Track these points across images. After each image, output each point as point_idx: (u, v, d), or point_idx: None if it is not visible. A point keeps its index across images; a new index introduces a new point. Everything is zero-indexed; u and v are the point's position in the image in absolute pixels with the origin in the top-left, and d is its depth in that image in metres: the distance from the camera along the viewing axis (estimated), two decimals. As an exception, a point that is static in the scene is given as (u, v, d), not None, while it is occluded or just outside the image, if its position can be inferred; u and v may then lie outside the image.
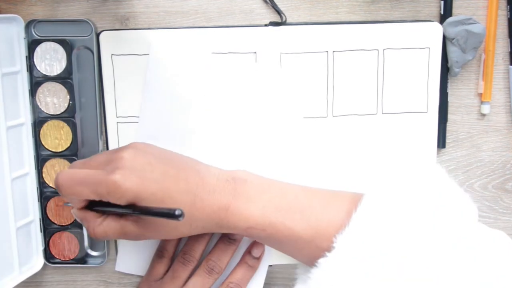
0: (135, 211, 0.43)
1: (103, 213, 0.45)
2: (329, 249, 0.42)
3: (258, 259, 0.51)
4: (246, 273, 0.51)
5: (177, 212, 0.38)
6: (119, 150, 0.45)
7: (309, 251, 0.44)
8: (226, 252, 0.50)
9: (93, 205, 0.45)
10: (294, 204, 0.45)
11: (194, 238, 0.51)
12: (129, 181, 0.41)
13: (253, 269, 0.51)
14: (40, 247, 0.55)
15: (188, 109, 0.52)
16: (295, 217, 0.44)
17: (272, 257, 0.53)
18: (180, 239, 0.52)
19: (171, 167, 0.44)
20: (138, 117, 0.53)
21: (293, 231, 0.44)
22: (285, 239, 0.44)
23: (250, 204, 0.45)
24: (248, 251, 0.51)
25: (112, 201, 0.42)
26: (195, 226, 0.45)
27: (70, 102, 0.53)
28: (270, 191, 0.46)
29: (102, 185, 0.42)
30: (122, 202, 0.42)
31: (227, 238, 0.50)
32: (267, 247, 0.52)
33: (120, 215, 0.45)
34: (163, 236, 0.47)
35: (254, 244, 0.51)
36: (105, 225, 0.45)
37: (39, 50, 0.52)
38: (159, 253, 0.52)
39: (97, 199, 0.43)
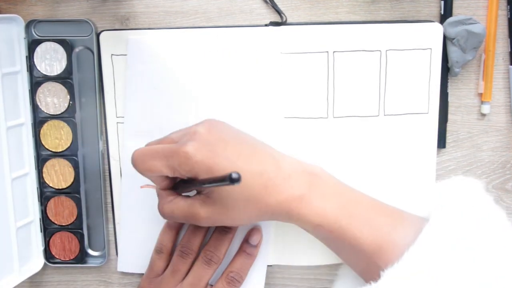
0: (197, 184, 0.42)
1: (179, 193, 0.45)
2: (386, 266, 0.41)
3: (256, 246, 0.51)
4: (245, 262, 0.51)
5: (233, 175, 0.34)
6: (194, 125, 0.44)
7: (366, 265, 0.44)
8: (222, 242, 0.50)
9: (175, 187, 0.45)
10: (366, 215, 0.44)
11: (191, 231, 0.51)
12: (200, 154, 0.41)
13: (252, 257, 0.51)
14: (40, 247, 0.55)
15: (187, 108, 0.52)
16: (364, 229, 0.43)
17: (272, 257, 0.53)
18: (178, 234, 0.52)
19: (245, 146, 0.44)
20: (138, 117, 0.53)
21: (359, 242, 0.43)
22: (349, 246, 0.44)
23: (324, 201, 0.44)
24: (246, 240, 0.51)
25: (183, 173, 0.42)
26: (265, 211, 0.44)
27: (70, 102, 0.53)
28: (345, 195, 0.45)
29: (174, 157, 0.42)
30: (192, 174, 0.42)
31: (222, 228, 0.50)
32: (264, 241, 0.52)
33: (187, 197, 0.44)
34: (231, 221, 0.45)
35: (251, 232, 0.51)
36: (173, 204, 0.45)
37: (39, 50, 0.52)
38: (158, 249, 0.52)
39: (170, 174, 0.43)
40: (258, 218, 0.45)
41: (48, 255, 0.55)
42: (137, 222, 0.54)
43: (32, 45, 0.52)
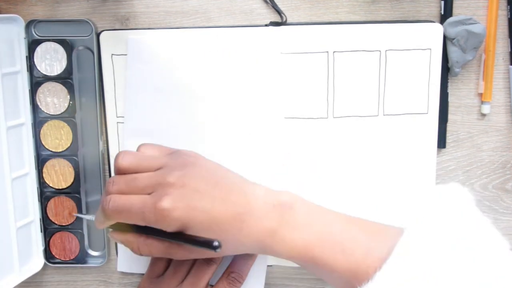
0: (176, 239, 0.43)
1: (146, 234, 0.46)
2: None
3: None
4: (246, 262, 0.51)
5: (215, 244, 0.40)
6: (168, 171, 0.44)
7: (346, 286, 0.44)
8: None
9: (136, 228, 0.46)
10: (338, 238, 0.44)
11: None
12: (178, 210, 0.42)
13: (253, 257, 0.51)
14: (40, 247, 0.55)
15: (187, 108, 0.52)
16: (337, 255, 0.43)
17: (272, 257, 0.53)
18: None
19: (219, 190, 0.44)
20: (138, 117, 0.53)
21: (333, 269, 0.43)
22: (325, 272, 0.45)
23: (295, 234, 0.44)
24: None
25: (160, 227, 0.43)
26: (240, 250, 0.46)
27: (70, 102, 0.53)
28: (316, 222, 0.45)
29: (150, 213, 0.42)
30: (169, 229, 0.43)
31: None
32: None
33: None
34: (207, 257, 0.48)
35: None
36: (149, 245, 0.45)
37: (39, 50, 0.52)
38: None
39: (143, 224, 0.44)
40: (234, 253, 0.47)
41: (48, 255, 0.55)
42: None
43: (32, 45, 0.52)
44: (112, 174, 0.54)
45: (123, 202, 0.44)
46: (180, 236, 0.43)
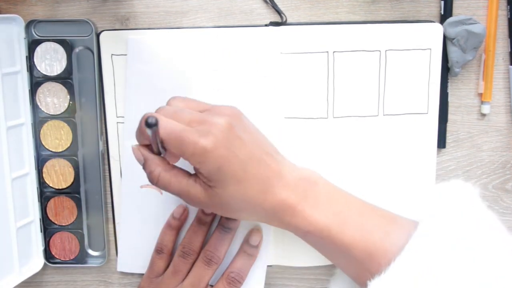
0: None
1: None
2: (377, 273, 0.41)
3: (257, 247, 0.51)
4: (246, 262, 0.51)
5: (149, 120, 0.37)
6: (216, 113, 0.43)
7: (358, 270, 0.44)
8: (222, 242, 0.50)
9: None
10: (358, 221, 0.44)
11: (192, 231, 0.51)
12: (217, 152, 0.41)
13: (253, 257, 0.51)
14: (40, 247, 0.55)
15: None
16: (355, 235, 0.43)
17: (272, 257, 0.53)
18: (178, 234, 0.53)
19: (258, 148, 0.44)
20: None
21: (349, 249, 0.43)
22: (339, 252, 0.44)
23: (316, 209, 0.44)
24: (246, 240, 0.51)
25: (192, 163, 0.41)
26: (259, 214, 0.45)
27: (70, 102, 0.53)
28: (338, 201, 0.45)
29: (190, 145, 0.41)
30: (201, 167, 0.41)
31: (222, 227, 0.50)
32: (264, 241, 0.52)
33: (190, 175, 0.44)
34: (225, 214, 0.46)
35: (251, 232, 0.51)
36: (173, 175, 0.43)
37: (39, 50, 0.52)
38: (158, 249, 0.52)
39: (177, 153, 0.42)
40: (250, 219, 0.46)
41: (48, 255, 0.55)
42: (137, 222, 0.54)
43: (32, 45, 0.52)
44: (112, 174, 0.54)
45: (168, 122, 0.41)
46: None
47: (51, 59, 0.52)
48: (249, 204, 0.43)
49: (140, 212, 0.53)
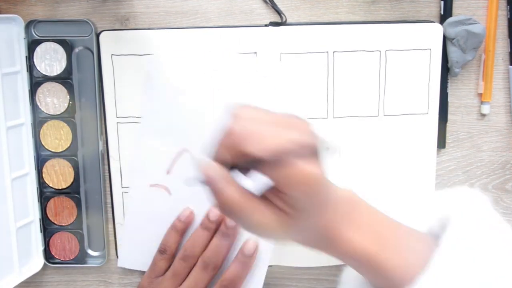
0: None
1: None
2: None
3: (251, 256, 0.51)
4: (240, 271, 0.51)
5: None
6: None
7: (386, 284, 0.42)
8: (221, 248, 0.50)
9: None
10: (392, 241, 0.41)
11: (195, 235, 0.51)
12: (317, 169, 0.36)
13: (247, 267, 0.51)
14: (40, 247, 0.55)
15: (189, 108, 0.52)
16: (388, 253, 0.40)
17: (272, 257, 0.53)
18: (183, 237, 0.53)
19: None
20: (138, 117, 0.53)
21: (385, 270, 0.41)
22: (373, 272, 0.41)
23: (357, 233, 0.41)
24: (241, 249, 0.51)
25: (287, 190, 0.36)
26: (307, 236, 0.40)
27: (70, 102, 0.53)
28: (376, 222, 0.42)
29: (297, 173, 0.35)
30: (294, 191, 0.36)
31: (222, 234, 0.50)
32: (265, 243, 0.52)
33: (266, 202, 0.37)
34: (285, 241, 0.40)
35: (247, 241, 0.51)
36: (250, 202, 0.37)
37: (39, 50, 0.52)
38: (162, 250, 0.52)
39: (247, 161, 0.35)
40: (302, 238, 0.41)
41: (48, 255, 0.55)
42: (140, 220, 0.54)
43: (32, 45, 0.52)
44: (112, 174, 0.54)
45: (254, 125, 0.36)
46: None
47: (51, 59, 0.52)
48: (317, 232, 0.39)
49: (143, 210, 0.54)
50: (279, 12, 0.51)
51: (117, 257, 0.55)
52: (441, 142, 0.53)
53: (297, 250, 0.53)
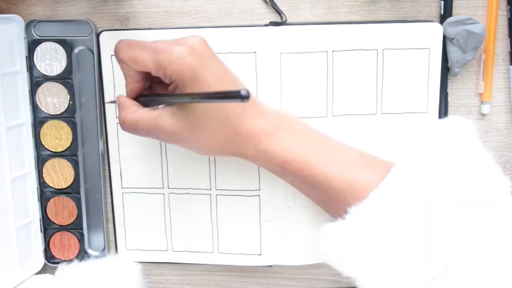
0: (199, 96, 0.38)
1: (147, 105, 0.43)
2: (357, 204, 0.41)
3: None
4: None
5: (242, 92, 0.31)
6: (185, 36, 0.43)
7: (338, 204, 0.42)
8: None
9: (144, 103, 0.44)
10: (336, 154, 0.43)
11: None
12: (193, 58, 0.40)
13: None
14: (40, 247, 0.55)
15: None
16: (334, 166, 0.42)
17: (272, 257, 0.53)
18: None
19: (230, 72, 0.43)
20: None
21: (329, 180, 0.42)
22: (319, 185, 0.43)
23: (293, 138, 0.43)
24: None
25: (169, 72, 0.40)
26: (233, 140, 0.43)
27: (70, 102, 0.53)
28: (315, 135, 0.44)
29: (165, 53, 0.40)
30: (177, 77, 0.40)
31: None
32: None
33: (155, 108, 0.43)
34: (194, 144, 0.43)
35: None
36: (138, 114, 0.43)
37: (39, 50, 0.52)
38: None
39: (154, 71, 0.41)
40: (223, 148, 0.43)
41: (48, 255, 0.55)
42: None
43: (32, 45, 0.52)
44: (112, 174, 0.54)
45: (140, 41, 0.42)
46: (203, 94, 0.37)
47: (51, 59, 0.52)
48: (224, 126, 0.42)
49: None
50: (279, 12, 0.51)
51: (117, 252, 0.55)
52: (441, 142, 0.53)
53: (297, 250, 0.53)
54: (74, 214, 0.54)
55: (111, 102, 0.50)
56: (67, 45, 0.52)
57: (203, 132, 0.42)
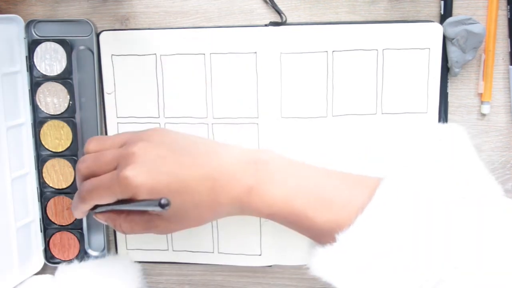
0: (123, 205, 0.42)
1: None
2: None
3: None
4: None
5: (162, 201, 0.37)
6: (131, 143, 0.44)
7: (328, 240, 0.42)
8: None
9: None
10: (316, 190, 0.43)
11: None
12: (141, 176, 0.41)
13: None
14: (40, 247, 0.55)
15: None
16: (317, 206, 0.42)
17: (272, 257, 0.53)
18: None
19: (186, 155, 0.43)
20: (138, 117, 0.53)
21: (315, 223, 0.42)
22: (306, 227, 0.43)
23: (273, 188, 0.43)
24: None
25: (126, 197, 0.42)
26: (219, 211, 0.44)
27: (70, 102, 0.53)
28: (294, 175, 0.44)
29: (115, 185, 0.42)
30: (139, 197, 0.41)
31: None
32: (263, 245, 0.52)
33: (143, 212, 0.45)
34: (189, 226, 0.45)
35: None
36: (130, 221, 0.45)
37: (39, 50, 0.52)
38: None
39: (113, 200, 0.43)
40: (215, 217, 0.46)
41: (48, 255, 0.55)
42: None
43: (32, 45, 0.52)
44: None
45: (93, 181, 0.44)
46: (126, 202, 0.42)
47: (51, 59, 0.52)
48: (203, 207, 0.43)
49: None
50: (279, 12, 0.51)
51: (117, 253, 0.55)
52: (441, 142, 0.53)
53: (298, 250, 0.53)
54: (74, 214, 0.55)
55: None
56: (67, 45, 0.52)
57: (190, 220, 0.45)
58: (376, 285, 0.39)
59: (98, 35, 0.52)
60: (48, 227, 0.55)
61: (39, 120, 0.53)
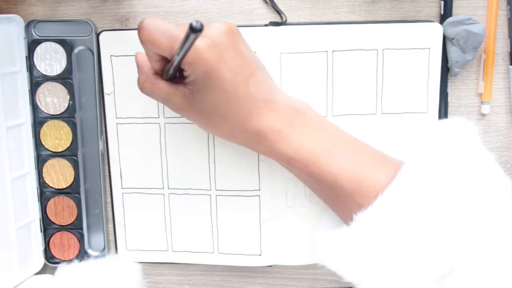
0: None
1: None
2: (365, 207, 0.40)
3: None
4: None
5: (194, 24, 0.31)
6: (214, 22, 0.42)
7: (345, 204, 0.42)
8: None
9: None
10: (347, 152, 0.43)
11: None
12: (209, 53, 0.39)
13: None
14: (40, 247, 0.55)
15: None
16: (343, 165, 0.42)
17: (272, 257, 0.53)
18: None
19: (250, 65, 0.42)
20: (138, 117, 0.53)
21: (336, 178, 0.42)
22: (326, 183, 0.43)
23: (303, 137, 0.43)
24: None
25: (183, 64, 0.40)
26: (238, 134, 0.43)
27: (70, 102, 0.53)
28: (327, 132, 0.44)
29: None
30: (189, 68, 0.40)
31: None
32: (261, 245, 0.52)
33: (173, 83, 0.43)
34: (201, 125, 0.44)
35: None
36: (155, 84, 0.43)
37: (39, 50, 0.52)
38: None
39: (168, 56, 0.41)
40: (228, 137, 0.45)
41: (48, 255, 0.55)
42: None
43: (32, 45, 0.52)
44: (112, 174, 0.54)
45: (164, 25, 0.41)
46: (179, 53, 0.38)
47: (51, 59, 0.52)
48: (230, 120, 0.42)
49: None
50: (279, 12, 0.51)
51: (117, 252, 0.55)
52: (441, 142, 0.53)
53: (297, 250, 0.53)
54: (74, 214, 0.54)
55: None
56: (67, 45, 0.52)
57: (210, 122, 0.43)
58: (377, 283, 0.39)
59: (98, 35, 0.52)
60: (48, 227, 0.55)
61: (39, 120, 0.53)
